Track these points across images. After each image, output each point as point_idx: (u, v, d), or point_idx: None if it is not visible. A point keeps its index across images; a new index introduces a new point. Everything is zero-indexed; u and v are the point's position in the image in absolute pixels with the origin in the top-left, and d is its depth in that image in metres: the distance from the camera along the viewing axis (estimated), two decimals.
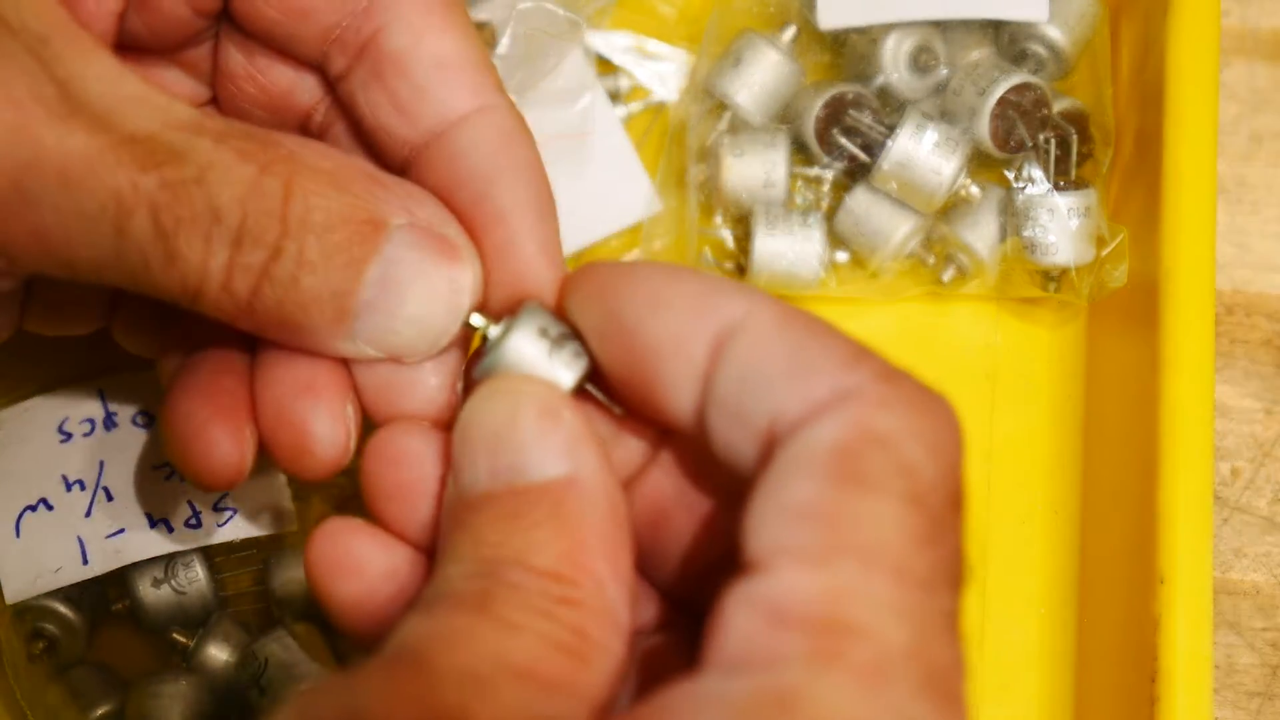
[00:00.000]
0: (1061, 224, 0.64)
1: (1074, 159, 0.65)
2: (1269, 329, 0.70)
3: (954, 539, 0.38)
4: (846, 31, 0.66)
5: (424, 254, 0.44)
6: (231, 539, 0.59)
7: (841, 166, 0.66)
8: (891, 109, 0.66)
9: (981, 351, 0.68)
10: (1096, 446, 0.66)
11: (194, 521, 0.59)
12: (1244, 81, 0.72)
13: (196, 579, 0.60)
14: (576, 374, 0.43)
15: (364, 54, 0.47)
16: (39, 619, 0.59)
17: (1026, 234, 0.65)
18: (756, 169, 0.66)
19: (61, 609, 0.59)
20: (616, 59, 0.70)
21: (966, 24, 0.66)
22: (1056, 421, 0.67)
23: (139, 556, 0.59)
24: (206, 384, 0.48)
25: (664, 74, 0.70)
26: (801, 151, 0.67)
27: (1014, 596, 0.65)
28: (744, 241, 0.66)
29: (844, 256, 0.67)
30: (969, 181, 0.66)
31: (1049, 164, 0.65)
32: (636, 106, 0.70)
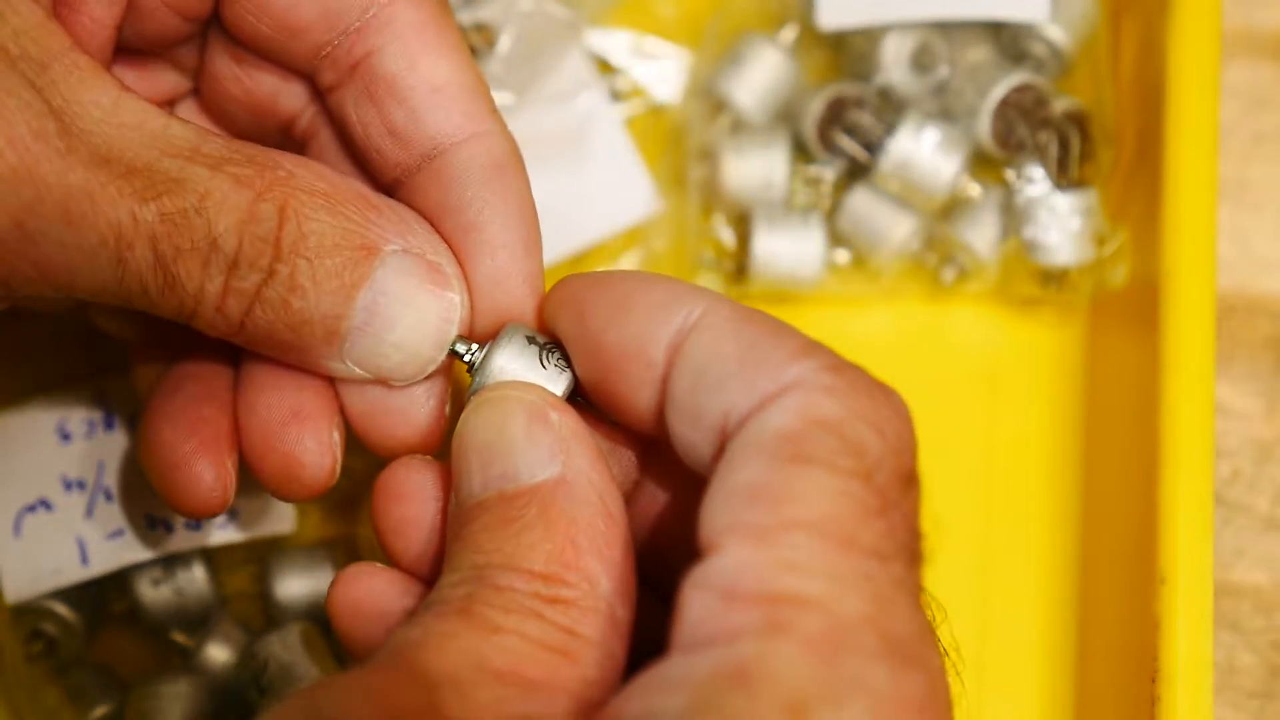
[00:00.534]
0: (1062, 224, 0.64)
1: (1074, 159, 0.65)
2: (1270, 329, 0.70)
3: (906, 513, 0.38)
4: (846, 31, 0.66)
5: (415, 281, 0.44)
6: (231, 539, 0.60)
7: (841, 166, 0.66)
8: (891, 109, 0.66)
9: (981, 351, 0.68)
10: (1097, 446, 0.66)
11: (194, 522, 0.59)
12: (1245, 81, 0.72)
13: (196, 579, 0.60)
14: (564, 379, 0.44)
15: (356, 72, 0.47)
16: (38, 619, 0.59)
17: (1027, 234, 0.65)
18: (756, 169, 0.66)
19: (61, 609, 0.59)
20: (616, 59, 0.70)
21: (967, 24, 0.66)
22: (1056, 421, 0.67)
23: (139, 557, 0.59)
24: (190, 413, 0.48)
25: (664, 74, 0.70)
26: (801, 151, 0.67)
27: (1014, 596, 0.65)
28: (744, 241, 0.66)
29: (844, 256, 0.67)
30: (969, 181, 0.66)
31: (1049, 164, 0.65)
32: (637, 106, 0.70)
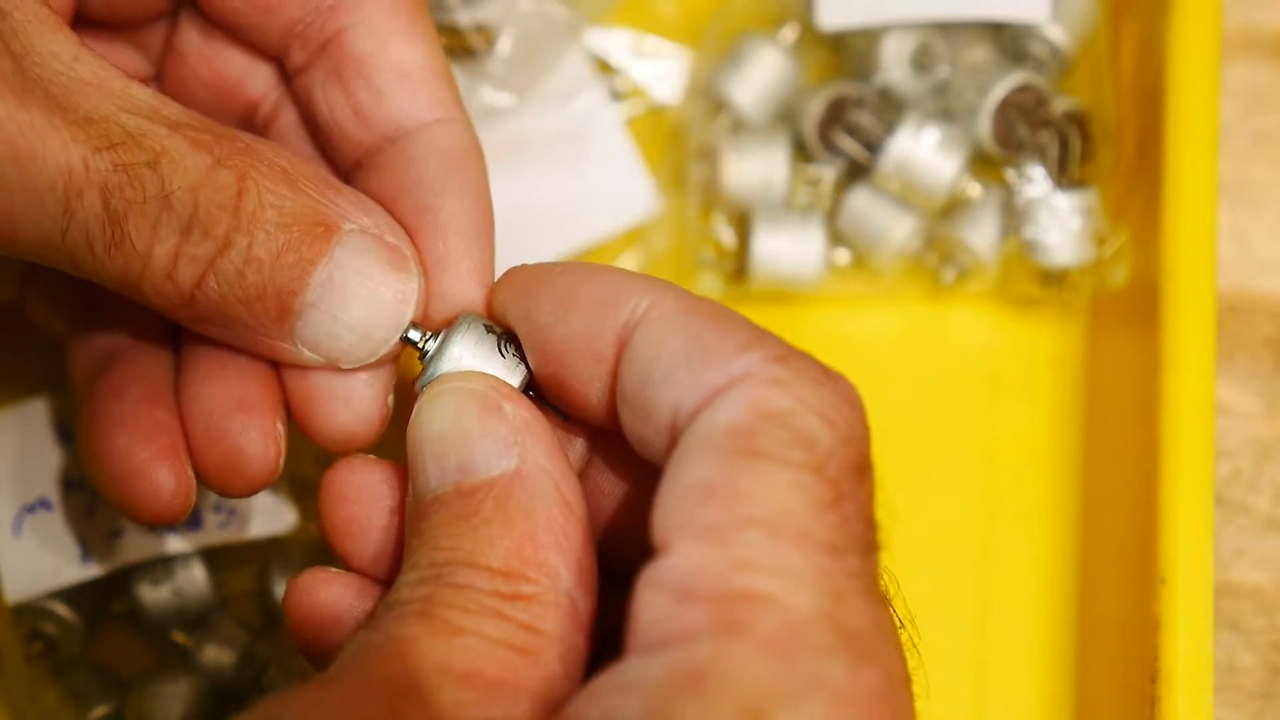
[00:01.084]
0: (1062, 224, 0.64)
1: (1074, 159, 0.65)
2: (1270, 329, 0.70)
3: (859, 504, 0.38)
4: (846, 31, 0.66)
5: (373, 260, 0.44)
6: (231, 539, 0.59)
7: (841, 166, 0.66)
8: (891, 109, 0.66)
9: (981, 351, 0.68)
10: (1097, 446, 0.66)
11: (194, 522, 0.59)
12: (1245, 81, 0.72)
13: (196, 579, 0.60)
14: (521, 370, 0.43)
15: (325, 51, 0.47)
16: (38, 619, 0.59)
17: (1027, 234, 0.65)
18: (756, 169, 0.66)
19: (61, 609, 0.59)
20: (616, 59, 0.70)
21: (967, 24, 0.66)
22: (1056, 421, 0.67)
23: (139, 557, 0.59)
24: (142, 417, 0.47)
25: (664, 74, 0.70)
26: (801, 151, 0.67)
27: (1014, 596, 0.65)
28: (744, 241, 0.66)
29: (844, 256, 0.67)
30: (969, 181, 0.66)
31: (1049, 164, 0.65)
32: (637, 106, 0.70)
